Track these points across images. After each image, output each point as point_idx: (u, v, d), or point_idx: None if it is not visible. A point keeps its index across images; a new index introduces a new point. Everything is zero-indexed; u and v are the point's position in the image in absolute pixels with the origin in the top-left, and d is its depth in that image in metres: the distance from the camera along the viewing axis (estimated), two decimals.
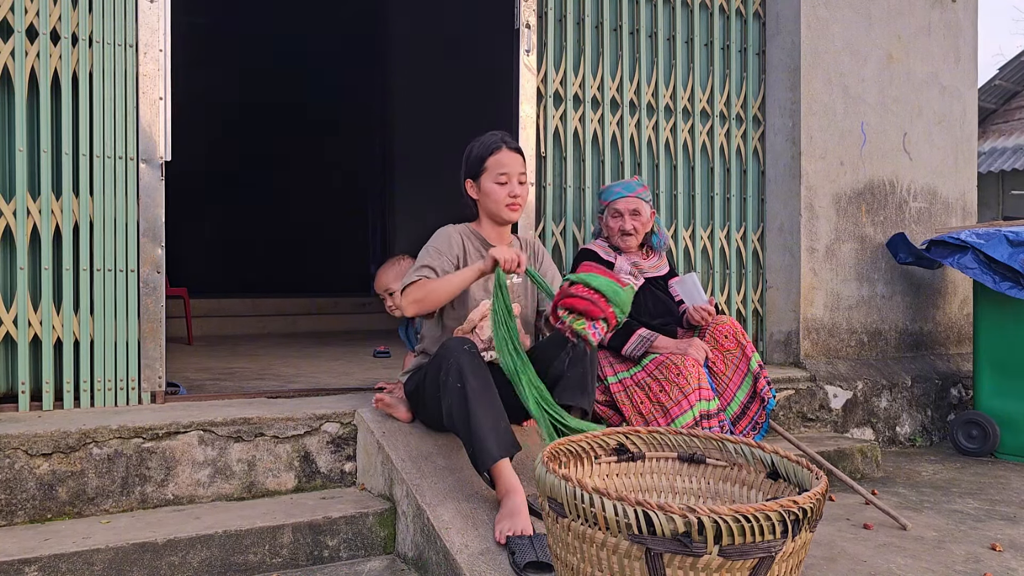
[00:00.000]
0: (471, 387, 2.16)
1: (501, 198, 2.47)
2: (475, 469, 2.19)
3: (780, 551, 1.39)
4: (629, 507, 1.38)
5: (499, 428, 2.16)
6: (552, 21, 3.51)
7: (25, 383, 2.57)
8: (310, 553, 2.27)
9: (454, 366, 2.18)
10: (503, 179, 2.46)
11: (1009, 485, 3.35)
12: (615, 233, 3.08)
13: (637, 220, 3.06)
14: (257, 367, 3.86)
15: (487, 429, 2.13)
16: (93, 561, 2.01)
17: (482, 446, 2.12)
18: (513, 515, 2.08)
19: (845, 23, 4.10)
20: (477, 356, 2.24)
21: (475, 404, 2.14)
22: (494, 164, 2.47)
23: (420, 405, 2.52)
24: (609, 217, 3.09)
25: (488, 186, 2.48)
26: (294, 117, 8.57)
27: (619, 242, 3.09)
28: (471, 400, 2.14)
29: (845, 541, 2.55)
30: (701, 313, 3.01)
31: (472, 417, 2.13)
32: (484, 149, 2.49)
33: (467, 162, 2.53)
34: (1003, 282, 3.66)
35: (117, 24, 2.70)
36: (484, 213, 2.55)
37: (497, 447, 2.13)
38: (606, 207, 3.12)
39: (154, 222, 2.76)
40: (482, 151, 2.49)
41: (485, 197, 2.50)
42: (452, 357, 2.20)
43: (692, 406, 2.69)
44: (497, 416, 2.18)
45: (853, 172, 4.15)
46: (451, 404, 2.19)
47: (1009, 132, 11.52)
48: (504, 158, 2.47)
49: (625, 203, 3.06)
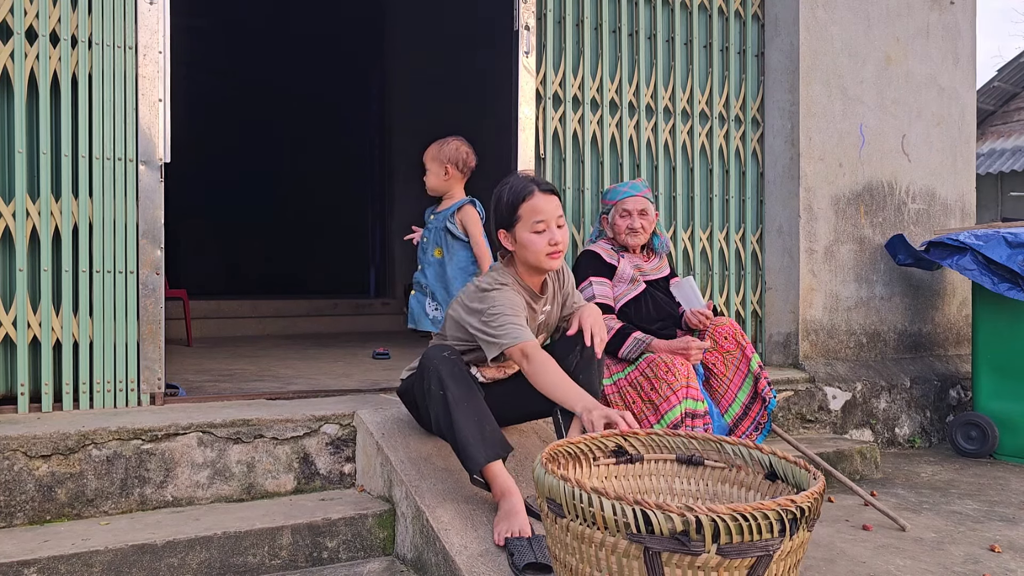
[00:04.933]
0: (452, 394, 2.16)
1: (541, 248, 2.25)
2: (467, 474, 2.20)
3: (778, 550, 1.39)
4: (627, 506, 1.38)
5: (484, 432, 2.15)
6: (551, 23, 3.51)
7: (24, 385, 2.57)
8: (309, 555, 2.27)
9: (435, 374, 2.19)
10: (540, 227, 2.24)
11: (1008, 486, 3.36)
12: (623, 231, 3.07)
13: (645, 219, 3.07)
14: (256, 369, 3.86)
15: (471, 435, 2.13)
16: (92, 563, 2.01)
17: (466, 453, 2.13)
18: (511, 516, 2.08)
19: (844, 25, 4.11)
20: (458, 363, 2.24)
21: (457, 411, 2.14)
22: (529, 212, 2.25)
23: (413, 408, 2.53)
24: (617, 216, 3.08)
25: (525, 236, 2.25)
26: (294, 119, 8.57)
27: (626, 240, 3.08)
28: (452, 407, 2.14)
29: (844, 542, 2.55)
30: (699, 317, 3.02)
31: (455, 424, 2.14)
32: (515, 196, 2.27)
33: (497, 211, 2.32)
34: (1002, 283, 3.66)
35: (116, 26, 2.70)
36: (521, 263, 2.34)
37: (483, 452, 2.12)
38: (613, 207, 3.10)
39: (153, 224, 2.76)
40: (513, 198, 2.27)
41: (523, 249, 2.27)
42: (432, 365, 2.21)
43: (680, 402, 2.69)
44: (481, 420, 2.16)
45: (852, 173, 4.15)
46: (437, 412, 2.19)
47: (1008, 134, 11.54)
48: (539, 203, 2.25)
49: (634, 202, 3.06)
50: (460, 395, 2.16)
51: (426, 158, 3.05)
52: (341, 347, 5.11)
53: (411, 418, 2.65)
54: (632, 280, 3.05)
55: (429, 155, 3.05)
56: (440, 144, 3.03)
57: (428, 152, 3.06)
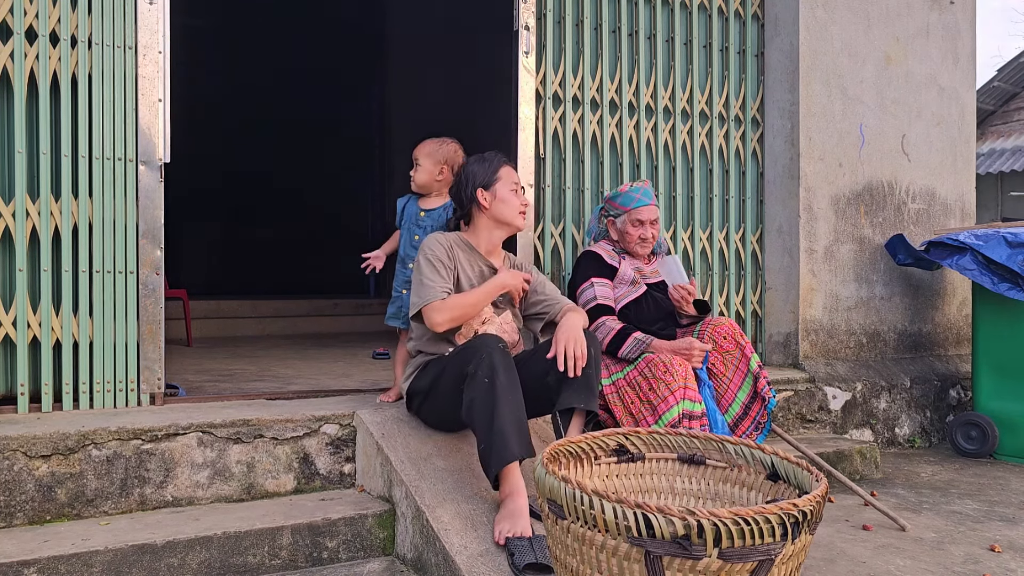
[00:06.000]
0: (501, 383, 2.17)
1: (516, 205, 2.61)
2: (484, 465, 2.17)
3: (780, 554, 1.39)
4: (628, 509, 1.38)
5: (521, 429, 2.17)
6: (551, 23, 3.51)
7: (24, 385, 2.57)
8: (309, 555, 2.27)
9: (486, 360, 2.20)
10: (515, 188, 2.63)
11: (1008, 486, 3.36)
12: (634, 241, 3.06)
13: (655, 228, 3.07)
14: (256, 369, 3.86)
15: (511, 427, 2.14)
16: (92, 563, 2.01)
17: (505, 443, 2.12)
18: (514, 516, 2.09)
19: (843, 25, 4.11)
20: (509, 356, 2.26)
21: (503, 400, 2.16)
22: (507, 175, 2.63)
23: (427, 401, 2.51)
24: (629, 225, 3.06)
25: (505, 193, 2.60)
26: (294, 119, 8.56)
27: (636, 249, 3.08)
28: (499, 395, 2.16)
29: (844, 542, 2.56)
30: (681, 292, 3.00)
31: (498, 412, 2.14)
32: (496, 161, 2.64)
33: (479, 173, 2.61)
34: (1002, 283, 3.66)
35: (116, 26, 2.70)
36: (492, 220, 2.62)
37: (519, 446, 2.14)
38: (625, 213, 3.06)
39: (153, 224, 2.76)
40: (495, 163, 2.63)
41: (502, 203, 2.60)
42: (485, 351, 2.22)
43: (678, 402, 2.69)
44: (521, 417, 2.20)
45: (852, 173, 4.15)
46: (474, 398, 2.19)
47: (1008, 133, 11.54)
48: (512, 172, 2.66)
49: (648, 212, 3.05)
50: (508, 386, 2.19)
51: (420, 154, 2.97)
52: (341, 347, 5.11)
53: (411, 418, 2.65)
54: (633, 282, 3.04)
55: (424, 151, 2.97)
56: (439, 143, 3.00)
57: (424, 148, 2.98)
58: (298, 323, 6.49)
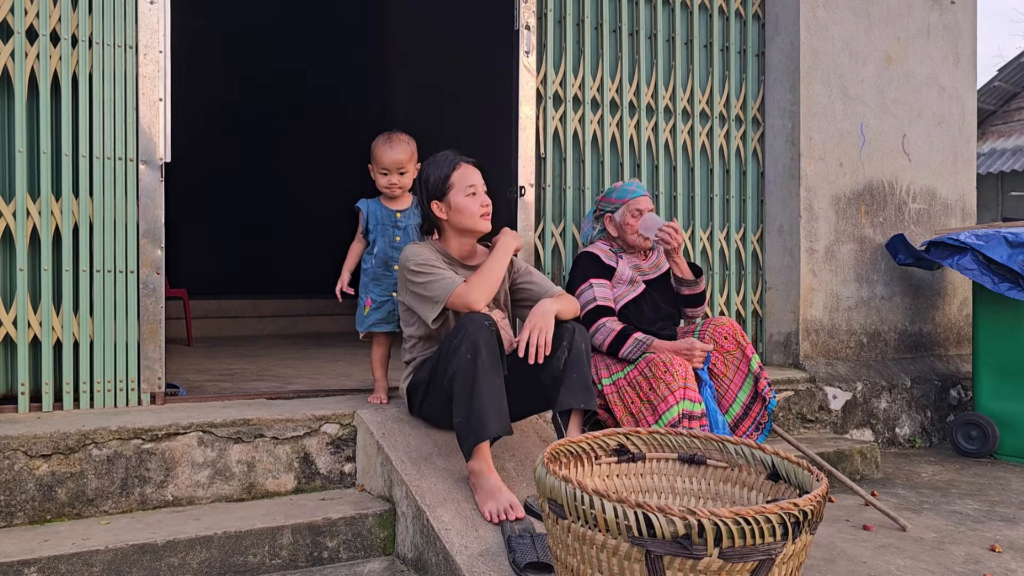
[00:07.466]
0: (483, 361, 2.19)
1: (475, 210, 2.48)
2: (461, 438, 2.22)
3: (780, 553, 1.39)
4: (629, 509, 1.38)
5: (500, 408, 2.20)
6: (551, 22, 3.51)
7: (24, 384, 2.57)
8: (310, 554, 2.27)
9: (470, 338, 2.21)
10: (472, 191, 2.48)
11: (1008, 486, 3.36)
12: (633, 231, 3.07)
13: None
14: (257, 368, 3.86)
15: (491, 404, 2.17)
16: (92, 562, 2.01)
17: (480, 418, 2.16)
18: (495, 494, 2.16)
19: (844, 24, 4.11)
20: (495, 336, 2.26)
21: (483, 378, 2.18)
22: (460, 179, 2.48)
23: (427, 395, 2.50)
24: (628, 216, 3.06)
25: (460, 201, 2.47)
26: (294, 118, 8.55)
27: (636, 240, 3.07)
28: (479, 373, 2.18)
29: (845, 542, 2.56)
30: (667, 231, 2.94)
31: (477, 388, 2.17)
32: (445, 167, 2.50)
33: (428, 184, 2.51)
34: (1002, 283, 3.66)
35: (117, 25, 2.70)
36: (454, 230, 2.53)
37: (496, 424, 2.18)
38: (623, 206, 3.06)
39: (154, 223, 2.76)
40: (444, 169, 2.50)
41: (458, 213, 2.48)
42: (472, 328, 2.22)
43: (677, 402, 2.69)
44: (500, 397, 2.22)
45: (852, 173, 4.15)
46: (458, 370, 2.21)
47: (1008, 133, 11.53)
48: (468, 172, 2.50)
49: (646, 202, 3.07)
50: (490, 366, 2.21)
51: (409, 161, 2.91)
52: (341, 347, 5.11)
53: (411, 418, 2.65)
54: (631, 281, 3.04)
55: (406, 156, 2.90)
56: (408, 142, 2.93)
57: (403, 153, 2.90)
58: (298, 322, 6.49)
